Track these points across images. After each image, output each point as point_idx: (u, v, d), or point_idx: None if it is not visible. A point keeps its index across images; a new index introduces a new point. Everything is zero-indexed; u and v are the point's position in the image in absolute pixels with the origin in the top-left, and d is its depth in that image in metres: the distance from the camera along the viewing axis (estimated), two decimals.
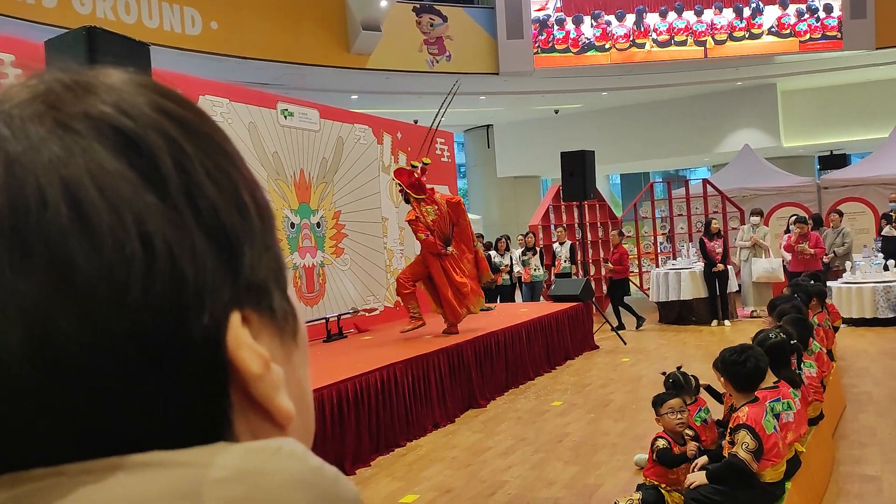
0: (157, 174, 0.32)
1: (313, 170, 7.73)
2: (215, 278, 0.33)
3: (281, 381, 0.35)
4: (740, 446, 3.08)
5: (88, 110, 0.32)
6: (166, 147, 0.33)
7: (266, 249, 0.36)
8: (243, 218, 0.35)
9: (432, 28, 13.08)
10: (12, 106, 0.32)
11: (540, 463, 4.78)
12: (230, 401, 0.33)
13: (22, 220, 0.30)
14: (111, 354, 0.30)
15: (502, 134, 18.22)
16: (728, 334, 9.40)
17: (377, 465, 4.97)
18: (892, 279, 9.37)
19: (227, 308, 0.33)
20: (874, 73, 15.20)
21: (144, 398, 0.31)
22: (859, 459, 4.47)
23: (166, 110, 0.34)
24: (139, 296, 0.30)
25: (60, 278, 0.29)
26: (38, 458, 0.30)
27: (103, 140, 0.32)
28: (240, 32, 10.58)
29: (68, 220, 0.30)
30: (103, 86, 0.34)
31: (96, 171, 0.31)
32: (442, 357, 6.06)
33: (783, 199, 13.18)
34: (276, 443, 0.33)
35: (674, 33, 13.90)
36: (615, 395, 6.56)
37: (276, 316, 0.37)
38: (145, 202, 0.31)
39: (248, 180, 0.37)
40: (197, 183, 0.33)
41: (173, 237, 0.31)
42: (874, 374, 6.77)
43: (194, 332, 0.32)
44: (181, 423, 0.32)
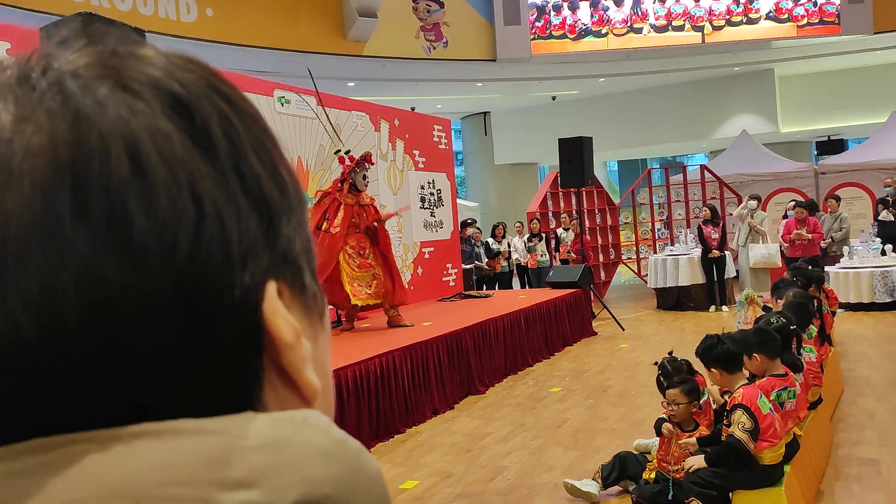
0: (207, 140, 0.33)
1: (311, 157, 7.71)
2: (256, 242, 0.34)
3: (309, 355, 0.36)
4: (737, 426, 3.11)
5: (148, 76, 0.34)
6: (216, 117, 0.34)
7: (300, 227, 0.38)
8: (282, 192, 0.37)
9: (429, 14, 13.01)
10: (79, 66, 0.34)
11: (539, 448, 4.80)
12: (262, 367, 0.34)
13: (84, 171, 0.31)
14: (158, 307, 0.31)
15: (500, 121, 18.18)
16: (725, 320, 9.42)
17: (377, 452, 4.99)
18: (889, 264, 9.39)
19: (265, 273, 0.34)
20: (872, 57, 15.17)
21: (183, 355, 0.31)
22: (857, 442, 4.50)
23: (214, 86, 0.36)
24: (188, 250, 0.31)
25: (117, 228, 0.30)
26: (68, 422, 0.31)
27: (161, 104, 0.33)
28: (235, 19, 10.52)
29: (128, 174, 0.31)
30: (158, 57, 0.36)
31: (155, 132, 0.32)
32: (441, 344, 6.08)
33: (781, 185, 13.18)
34: (301, 414, 0.33)
35: (671, 18, 13.84)
36: (613, 380, 6.58)
37: (306, 293, 0.38)
38: (197, 165, 0.32)
39: (285, 160, 0.38)
40: (242, 153, 0.35)
41: (221, 199, 0.33)
42: (872, 358, 6.80)
43: (235, 291, 0.33)
44: (216, 383, 0.33)
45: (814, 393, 4.34)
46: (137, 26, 4.57)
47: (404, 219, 9.00)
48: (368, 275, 6.74)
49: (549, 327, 8.05)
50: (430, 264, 9.47)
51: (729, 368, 3.32)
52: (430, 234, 9.58)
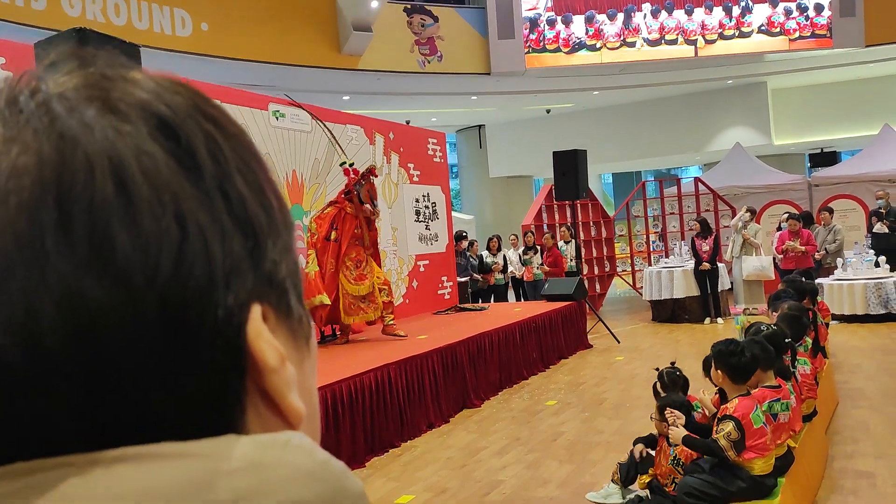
0: (192, 161, 0.34)
1: (306, 171, 7.71)
2: (241, 263, 0.34)
3: (294, 379, 0.36)
4: (723, 435, 3.12)
5: (134, 98, 0.34)
6: (202, 138, 0.35)
7: (286, 251, 0.38)
8: (268, 215, 0.37)
9: (423, 28, 13.07)
10: (66, 89, 0.34)
11: (535, 462, 4.78)
12: (245, 390, 0.34)
13: (68, 190, 0.31)
14: (140, 326, 0.31)
15: (494, 134, 18.23)
16: (721, 332, 9.42)
17: (372, 466, 4.97)
18: (883, 276, 9.42)
19: (249, 295, 0.34)
20: (864, 70, 15.27)
21: (164, 377, 0.31)
22: (852, 455, 4.49)
23: (201, 108, 0.36)
24: (171, 270, 0.31)
25: (99, 248, 0.30)
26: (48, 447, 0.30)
27: (147, 126, 0.33)
28: (230, 34, 10.55)
29: (113, 194, 0.31)
30: (146, 80, 0.36)
31: (140, 153, 0.32)
32: (436, 357, 6.06)
33: (774, 197, 13.23)
34: (284, 436, 0.33)
35: (664, 32, 13.94)
36: (609, 393, 6.57)
37: (292, 317, 0.38)
38: (181, 185, 0.33)
39: (272, 183, 0.39)
40: (228, 174, 0.35)
41: (205, 219, 0.33)
42: (866, 369, 6.81)
43: (218, 311, 0.33)
44: (196, 408, 0.32)
45: (808, 405, 4.34)
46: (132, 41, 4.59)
47: (399, 232, 9.01)
48: (365, 287, 6.74)
49: (544, 340, 8.04)
50: (426, 277, 9.47)
51: (737, 379, 3.32)
52: (425, 248, 9.58)
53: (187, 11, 10.09)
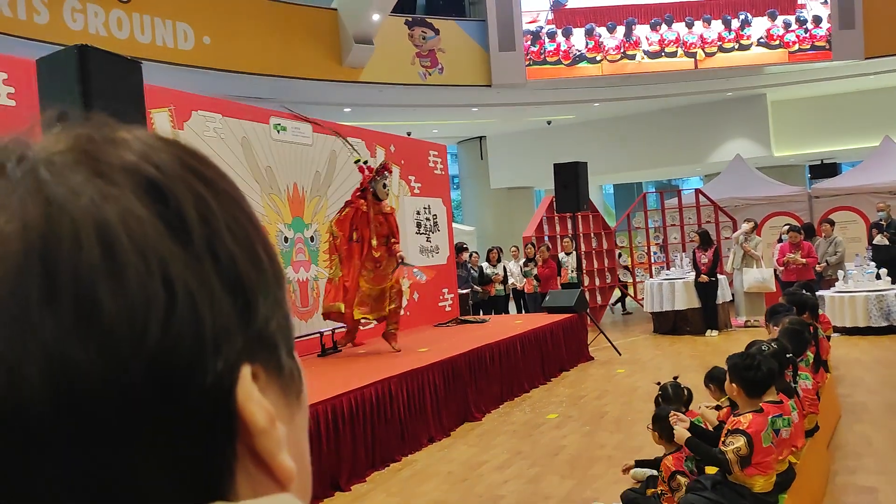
0: (182, 224, 0.34)
1: (307, 183, 7.73)
2: (230, 325, 0.34)
3: (284, 438, 0.36)
4: (731, 448, 3.09)
5: (122, 161, 0.34)
6: (192, 199, 0.34)
7: (277, 305, 0.38)
8: (259, 271, 0.36)
9: (424, 41, 13.12)
10: (53, 154, 0.34)
11: (536, 477, 4.76)
12: (235, 453, 0.34)
13: (53, 257, 0.31)
14: (127, 393, 0.31)
15: (495, 145, 18.27)
16: (722, 344, 9.40)
17: (373, 481, 4.95)
18: (884, 288, 9.40)
19: (239, 357, 0.34)
20: (863, 82, 15.31)
21: (153, 442, 0.31)
22: (855, 470, 4.47)
23: (190, 166, 0.36)
24: (158, 336, 0.31)
25: (85, 314, 0.30)
26: None
27: (136, 189, 0.33)
28: (232, 47, 10.60)
29: (99, 259, 0.31)
30: (135, 141, 0.36)
31: (127, 218, 0.32)
32: (436, 370, 6.05)
33: (775, 209, 13.24)
34: (273, 500, 0.33)
35: (664, 45, 13.99)
36: (610, 406, 6.55)
37: (282, 374, 0.38)
38: (170, 249, 0.33)
39: (263, 237, 0.38)
40: (218, 234, 0.35)
41: (194, 283, 0.33)
42: (868, 383, 6.78)
43: (208, 376, 0.33)
44: (187, 471, 0.32)
45: (810, 420, 4.32)
46: (135, 55, 4.61)
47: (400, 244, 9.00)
48: (378, 290, 6.77)
49: (545, 352, 8.03)
50: (427, 289, 9.46)
51: (752, 393, 3.30)
52: (426, 259, 9.58)
53: (189, 25, 10.14)
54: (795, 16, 13.96)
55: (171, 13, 9.90)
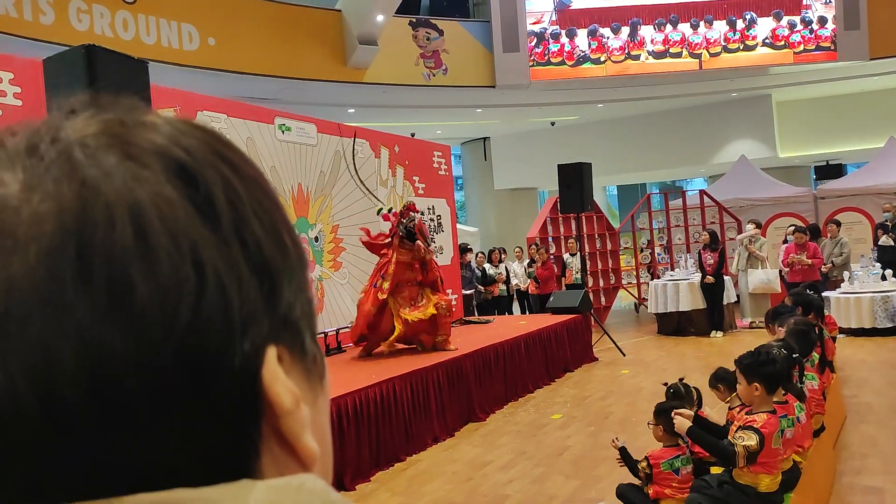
0: (211, 208, 0.34)
1: (311, 184, 7.74)
2: (257, 308, 0.34)
3: (308, 420, 0.36)
4: (742, 443, 3.06)
5: (153, 145, 0.34)
6: (221, 184, 0.35)
7: (301, 291, 0.38)
8: (284, 256, 0.37)
9: (429, 42, 13.13)
10: (86, 136, 0.34)
11: (541, 477, 4.76)
12: (261, 433, 0.34)
13: (88, 239, 0.31)
14: (158, 374, 0.31)
15: (499, 146, 18.27)
16: (727, 345, 9.39)
17: (377, 481, 4.95)
18: (889, 289, 9.37)
19: (265, 340, 0.34)
20: (868, 83, 15.28)
21: (182, 422, 0.32)
22: (861, 470, 4.46)
23: (218, 151, 0.37)
24: (189, 318, 0.32)
25: (119, 297, 0.31)
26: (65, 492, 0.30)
27: (166, 172, 0.34)
28: (237, 48, 10.62)
29: (132, 242, 0.31)
30: (164, 124, 0.36)
31: (159, 201, 0.33)
32: (441, 371, 6.05)
33: (780, 210, 13.21)
34: (298, 480, 0.34)
35: (669, 45, 13.98)
36: (615, 407, 6.54)
37: (306, 357, 0.38)
38: (200, 232, 0.33)
39: (288, 223, 0.39)
40: (245, 219, 0.35)
41: (223, 267, 0.33)
42: (874, 384, 6.76)
43: (235, 359, 0.33)
44: (213, 451, 0.33)
45: (816, 420, 4.31)
46: (140, 55, 4.62)
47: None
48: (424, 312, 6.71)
49: (549, 353, 8.02)
50: None
51: (772, 389, 3.29)
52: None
53: (195, 26, 10.16)
54: (801, 16, 13.94)
55: (176, 14, 9.93)
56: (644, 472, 3.67)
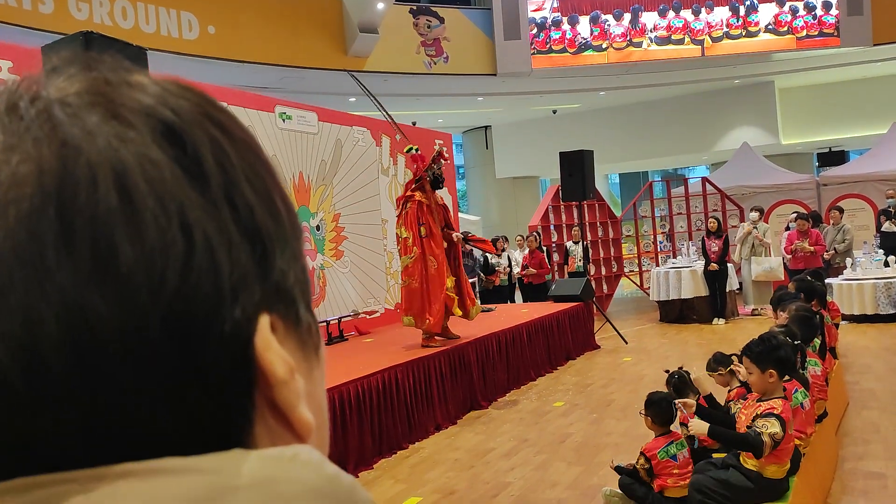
0: (199, 170, 0.33)
1: (312, 172, 7.72)
2: (248, 275, 0.33)
3: (303, 390, 0.35)
4: (769, 432, 3.04)
5: (139, 104, 0.33)
6: (209, 145, 0.34)
7: (295, 259, 0.37)
8: (276, 222, 0.36)
9: (429, 30, 13.07)
10: (68, 94, 0.33)
11: (543, 464, 4.77)
12: (254, 403, 0.33)
13: (70, 200, 0.30)
14: (144, 341, 0.30)
15: (501, 134, 18.22)
16: (728, 332, 9.39)
17: (380, 468, 4.96)
18: (892, 275, 9.36)
19: (257, 307, 0.33)
20: (872, 69, 15.20)
21: (170, 391, 0.31)
22: (863, 456, 4.46)
23: (207, 113, 0.35)
24: (176, 283, 0.31)
25: (103, 261, 0.30)
26: (51, 461, 0.30)
27: (152, 133, 0.32)
28: (237, 36, 10.58)
29: (116, 204, 0.30)
30: (151, 84, 0.35)
31: (144, 161, 0.31)
32: (443, 359, 6.05)
33: (782, 197, 13.18)
34: (292, 450, 0.33)
35: (671, 32, 13.90)
36: (617, 394, 6.55)
37: (300, 327, 0.37)
38: (187, 195, 0.32)
39: (280, 188, 0.38)
40: (235, 182, 0.34)
41: (212, 230, 0.32)
42: (876, 370, 6.76)
43: (225, 325, 0.32)
44: (204, 421, 0.32)
45: (819, 406, 4.31)
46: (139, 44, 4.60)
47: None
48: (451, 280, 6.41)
49: (551, 341, 8.02)
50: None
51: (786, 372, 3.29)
52: None
53: (194, 14, 10.12)
54: (803, 2, 13.85)
55: (175, 3, 9.88)
56: (643, 468, 3.66)
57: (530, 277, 11.00)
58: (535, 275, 10.92)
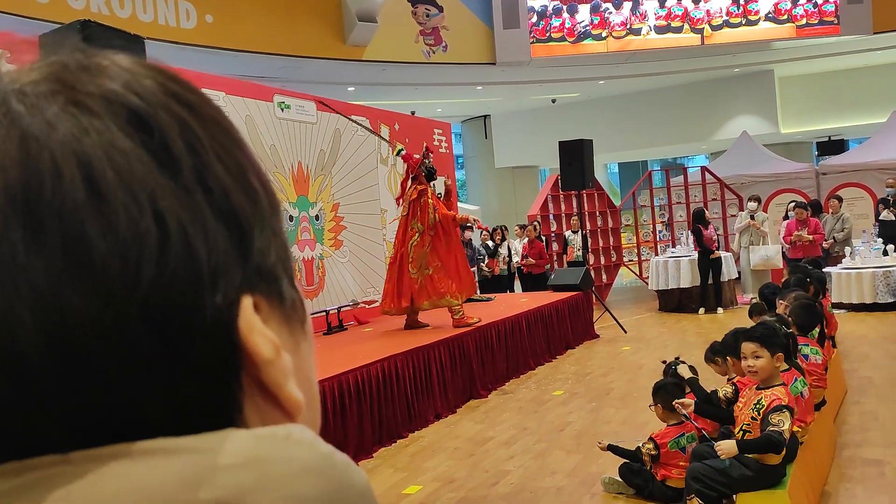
0: (168, 155, 0.32)
1: (311, 162, 7.71)
2: (227, 259, 0.33)
3: (290, 368, 0.35)
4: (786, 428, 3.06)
5: (101, 89, 0.32)
6: (177, 128, 0.33)
7: (274, 236, 0.36)
8: (253, 202, 0.35)
9: (428, 18, 13.02)
10: (24, 84, 0.32)
11: (542, 452, 4.78)
12: (241, 385, 0.33)
13: (36, 196, 0.29)
14: (124, 334, 0.30)
15: (500, 124, 18.19)
16: (728, 321, 9.39)
17: (380, 457, 4.98)
18: (891, 264, 9.37)
19: (238, 290, 0.33)
20: (871, 57, 15.16)
21: (155, 381, 0.30)
22: (861, 444, 4.48)
23: (174, 93, 0.34)
24: (152, 274, 0.30)
25: (74, 255, 0.29)
26: (43, 445, 0.30)
27: (116, 119, 0.32)
28: (235, 25, 10.53)
29: (84, 196, 0.30)
30: (113, 67, 0.34)
31: (110, 150, 0.31)
32: (443, 348, 6.07)
33: (781, 186, 13.17)
34: (285, 429, 0.32)
35: (671, 19, 13.85)
36: (616, 383, 6.56)
37: (284, 303, 0.37)
38: (158, 182, 0.31)
39: (255, 166, 0.37)
40: (207, 164, 0.33)
41: (186, 217, 0.31)
42: (875, 358, 6.78)
43: (207, 312, 0.31)
44: (191, 408, 0.32)
45: (817, 395, 4.33)
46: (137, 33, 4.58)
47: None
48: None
49: (550, 330, 8.03)
50: None
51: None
52: None
53: (192, 3, 10.07)
54: None
55: None
56: (650, 453, 3.68)
57: (530, 267, 11.01)
58: (535, 265, 10.92)
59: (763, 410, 3.14)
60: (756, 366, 3.26)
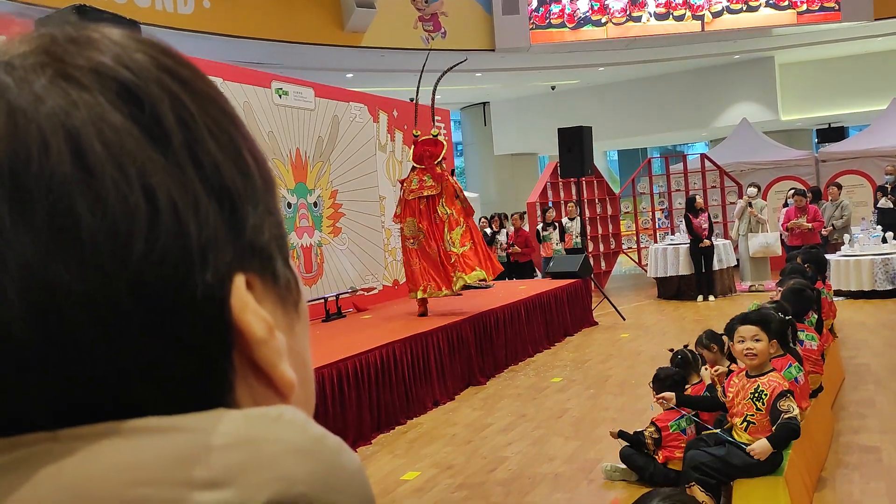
0: (159, 129, 0.31)
1: (309, 149, 7.68)
2: (218, 235, 0.32)
3: (284, 348, 0.34)
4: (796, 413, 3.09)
5: (91, 62, 0.32)
6: (168, 102, 0.32)
7: (269, 213, 0.36)
8: (246, 178, 0.34)
9: (427, 4, 12.94)
10: (13, 56, 0.32)
11: (540, 439, 4.80)
12: (233, 365, 0.33)
13: (23, 170, 0.29)
14: (112, 310, 0.29)
15: (499, 111, 18.12)
16: (727, 308, 9.40)
17: (378, 443, 4.99)
18: (889, 251, 9.37)
19: (230, 267, 0.32)
20: (872, 44, 15.09)
21: (144, 359, 0.30)
22: (858, 430, 4.50)
23: (166, 67, 0.34)
24: (142, 249, 0.30)
25: (62, 230, 0.29)
26: (31, 422, 0.29)
27: (106, 93, 0.31)
28: (233, 11, 10.46)
29: (72, 170, 0.29)
30: (104, 40, 0.33)
31: (99, 123, 0.30)
32: (441, 335, 6.07)
33: (781, 173, 13.15)
34: (276, 410, 0.32)
35: (671, 7, 13.78)
36: (614, 370, 6.58)
37: (279, 283, 0.36)
38: (148, 156, 0.31)
39: (250, 142, 0.36)
40: (199, 139, 0.33)
41: (177, 192, 0.31)
42: (873, 345, 6.80)
43: (198, 289, 0.31)
44: (182, 387, 0.31)
45: (814, 381, 4.34)
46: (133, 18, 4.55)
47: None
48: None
49: (549, 317, 8.04)
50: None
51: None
52: None
53: None
54: None
55: None
56: (652, 437, 3.70)
57: (516, 255, 11.02)
58: (520, 253, 10.93)
59: (768, 399, 3.14)
60: (756, 349, 3.23)
